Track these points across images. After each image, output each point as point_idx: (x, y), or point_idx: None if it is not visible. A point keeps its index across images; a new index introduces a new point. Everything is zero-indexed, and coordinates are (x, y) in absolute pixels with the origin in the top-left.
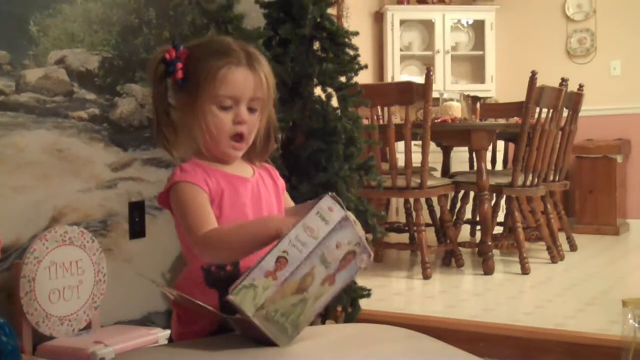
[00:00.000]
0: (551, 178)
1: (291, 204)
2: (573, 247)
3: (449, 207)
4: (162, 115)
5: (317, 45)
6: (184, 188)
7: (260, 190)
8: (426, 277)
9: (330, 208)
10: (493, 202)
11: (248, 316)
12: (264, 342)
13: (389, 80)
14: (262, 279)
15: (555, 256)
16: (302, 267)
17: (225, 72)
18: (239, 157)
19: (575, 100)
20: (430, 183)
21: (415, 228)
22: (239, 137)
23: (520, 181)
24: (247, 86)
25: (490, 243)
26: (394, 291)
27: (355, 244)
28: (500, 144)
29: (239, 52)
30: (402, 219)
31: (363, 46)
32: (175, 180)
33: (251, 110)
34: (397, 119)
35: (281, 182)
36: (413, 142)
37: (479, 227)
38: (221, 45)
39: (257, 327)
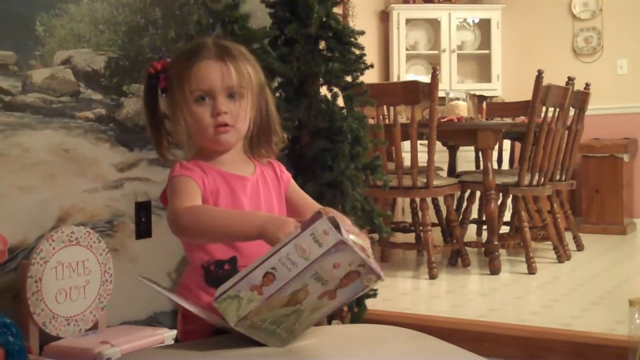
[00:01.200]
0: (557, 177)
1: (300, 193)
2: (579, 247)
3: (455, 207)
4: (154, 128)
5: (322, 45)
6: (179, 180)
7: (260, 188)
8: (432, 276)
9: (325, 231)
10: (499, 202)
11: (229, 325)
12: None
13: (394, 79)
14: (247, 292)
15: (562, 255)
16: (290, 284)
17: (196, 67)
18: (232, 142)
19: (581, 99)
20: (436, 182)
21: (421, 227)
22: (221, 128)
23: (526, 180)
24: (214, 76)
25: (496, 242)
26: (399, 291)
27: (358, 265)
28: (506, 143)
29: (209, 48)
30: (408, 218)
31: (369, 45)
32: (173, 174)
33: (231, 97)
34: (402, 118)
35: (286, 176)
36: (419, 142)
37: (485, 227)
38: (194, 45)
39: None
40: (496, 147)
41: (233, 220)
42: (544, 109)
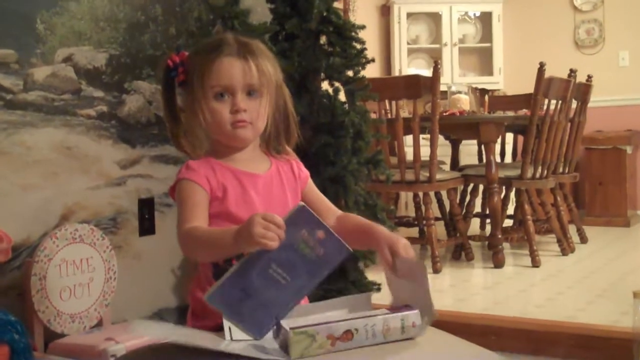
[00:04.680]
0: (560, 170)
1: (317, 194)
2: (583, 239)
3: (458, 200)
4: (172, 121)
5: (323, 40)
6: (185, 186)
7: (273, 185)
8: (436, 270)
9: (414, 324)
10: (502, 195)
11: (288, 358)
12: None
13: (396, 73)
14: (324, 338)
15: (565, 248)
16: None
17: (213, 62)
18: (249, 138)
19: (583, 91)
20: (439, 176)
21: (424, 222)
22: (239, 123)
23: (529, 173)
24: (235, 73)
25: (500, 236)
26: None
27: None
28: (509, 136)
29: (231, 44)
30: (411, 212)
31: (370, 40)
32: (179, 177)
33: (250, 95)
34: (404, 113)
35: (304, 174)
36: (421, 136)
37: (488, 220)
38: (215, 40)
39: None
40: (499, 140)
41: (223, 239)
42: (546, 101)
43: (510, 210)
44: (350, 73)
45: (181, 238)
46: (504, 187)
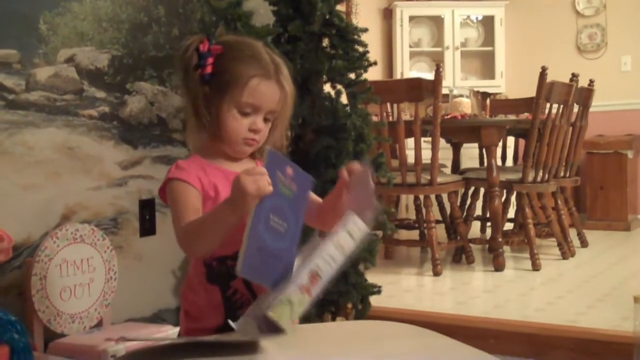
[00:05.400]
0: (561, 174)
1: None
2: (584, 243)
3: (458, 204)
4: (194, 104)
5: (326, 42)
6: (177, 186)
7: None
8: (436, 273)
9: (355, 222)
10: (503, 198)
11: (284, 331)
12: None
13: (398, 76)
14: (298, 294)
15: (566, 252)
16: (326, 282)
17: (256, 82)
18: (249, 153)
19: (585, 96)
20: (440, 179)
21: (425, 224)
22: (250, 141)
23: (530, 177)
24: (272, 99)
25: (500, 239)
26: (404, 288)
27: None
28: (510, 140)
29: (269, 64)
30: (412, 215)
31: (372, 42)
32: (169, 176)
33: (266, 120)
34: (406, 116)
35: None
36: (422, 139)
37: (489, 224)
38: (254, 51)
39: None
40: (500, 144)
41: (212, 221)
42: (547, 105)
43: (511, 213)
44: (352, 76)
45: (180, 236)
46: (504, 191)
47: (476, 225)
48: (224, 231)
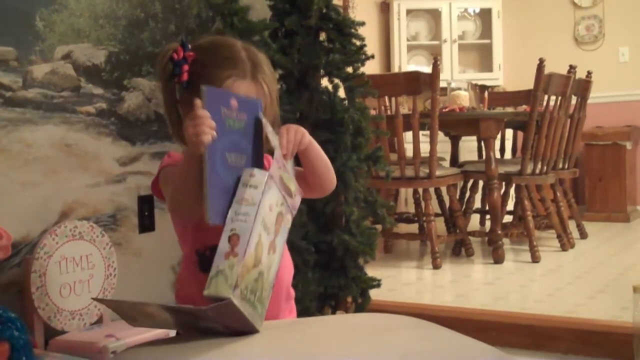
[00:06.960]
0: (560, 166)
1: None
2: (583, 235)
3: (457, 197)
4: (173, 112)
5: (323, 36)
6: (169, 171)
7: None
8: (436, 266)
9: (251, 174)
10: (502, 191)
11: (229, 298)
12: (242, 331)
13: (395, 70)
14: (224, 262)
15: (565, 244)
16: (252, 236)
17: (231, 82)
18: None
19: (583, 87)
20: (438, 172)
21: (424, 218)
22: None
23: (529, 169)
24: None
25: (499, 232)
26: (403, 281)
27: (280, 204)
28: (509, 132)
29: (245, 63)
30: (411, 209)
31: (369, 36)
32: (162, 165)
33: None
34: (404, 109)
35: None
36: (421, 132)
37: (488, 216)
38: (229, 52)
39: (238, 310)
40: (498, 136)
41: (178, 173)
42: (545, 97)
43: (510, 206)
44: (349, 70)
45: (169, 206)
46: (503, 183)
47: (475, 218)
48: (192, 182)
